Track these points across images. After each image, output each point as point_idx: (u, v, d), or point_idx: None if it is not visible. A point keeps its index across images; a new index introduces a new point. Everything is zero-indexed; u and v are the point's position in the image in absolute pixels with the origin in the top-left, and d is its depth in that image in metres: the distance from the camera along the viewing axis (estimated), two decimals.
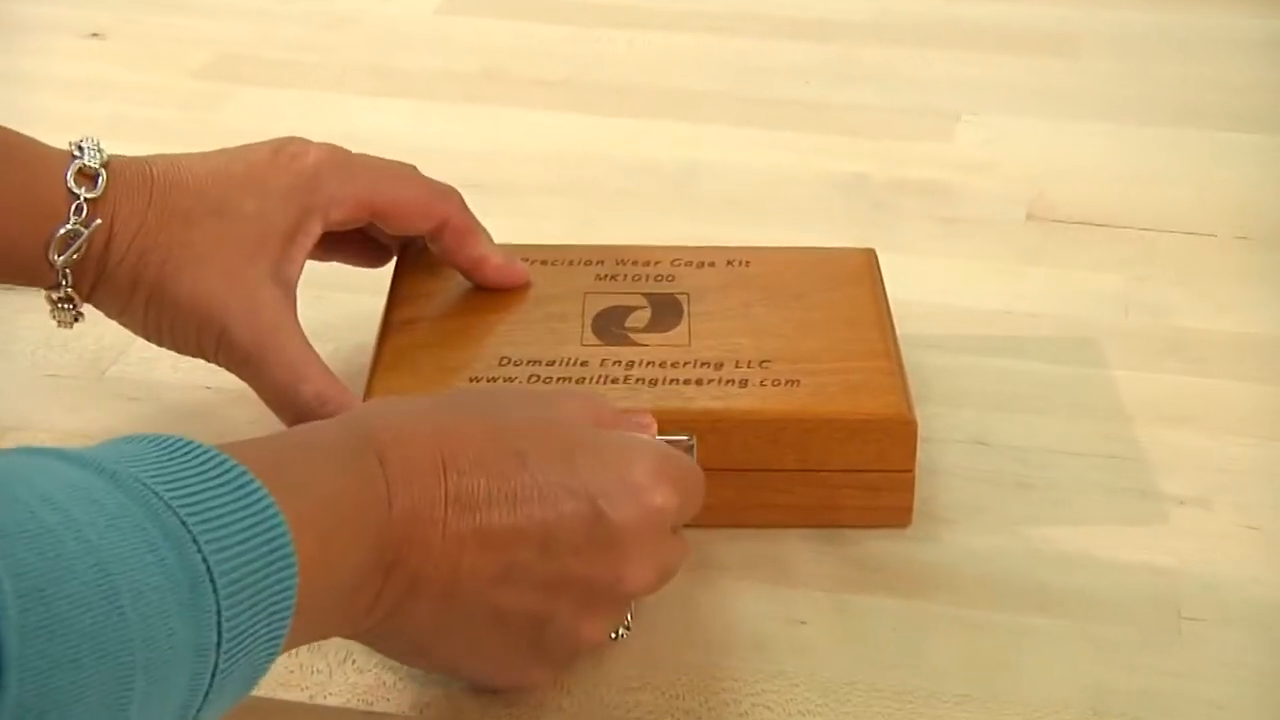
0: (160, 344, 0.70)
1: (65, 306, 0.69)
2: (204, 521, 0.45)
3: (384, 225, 0.73)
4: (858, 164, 0.96)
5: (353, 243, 0.76)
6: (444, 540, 0.54)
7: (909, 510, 0.68)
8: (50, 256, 0.67)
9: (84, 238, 0.66)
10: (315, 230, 0.70)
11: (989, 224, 0.92)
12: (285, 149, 0.71)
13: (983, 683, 0.61)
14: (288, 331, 0.69)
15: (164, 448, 0.47)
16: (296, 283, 0.71)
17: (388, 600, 0.54)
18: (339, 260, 0.77)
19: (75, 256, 0.67)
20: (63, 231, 0.66)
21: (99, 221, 0.67)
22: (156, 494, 0.45)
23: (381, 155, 0.74)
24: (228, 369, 0.70)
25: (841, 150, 0.97)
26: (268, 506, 0.47)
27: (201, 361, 0.77)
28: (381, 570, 0.53)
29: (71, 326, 0.70)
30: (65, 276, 0.67)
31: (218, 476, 0.47)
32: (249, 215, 0.69)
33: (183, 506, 0.45)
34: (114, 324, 0.77)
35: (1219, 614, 0.64)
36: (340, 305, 0.82)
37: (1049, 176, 0.96)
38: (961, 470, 0.72)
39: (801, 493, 0.67)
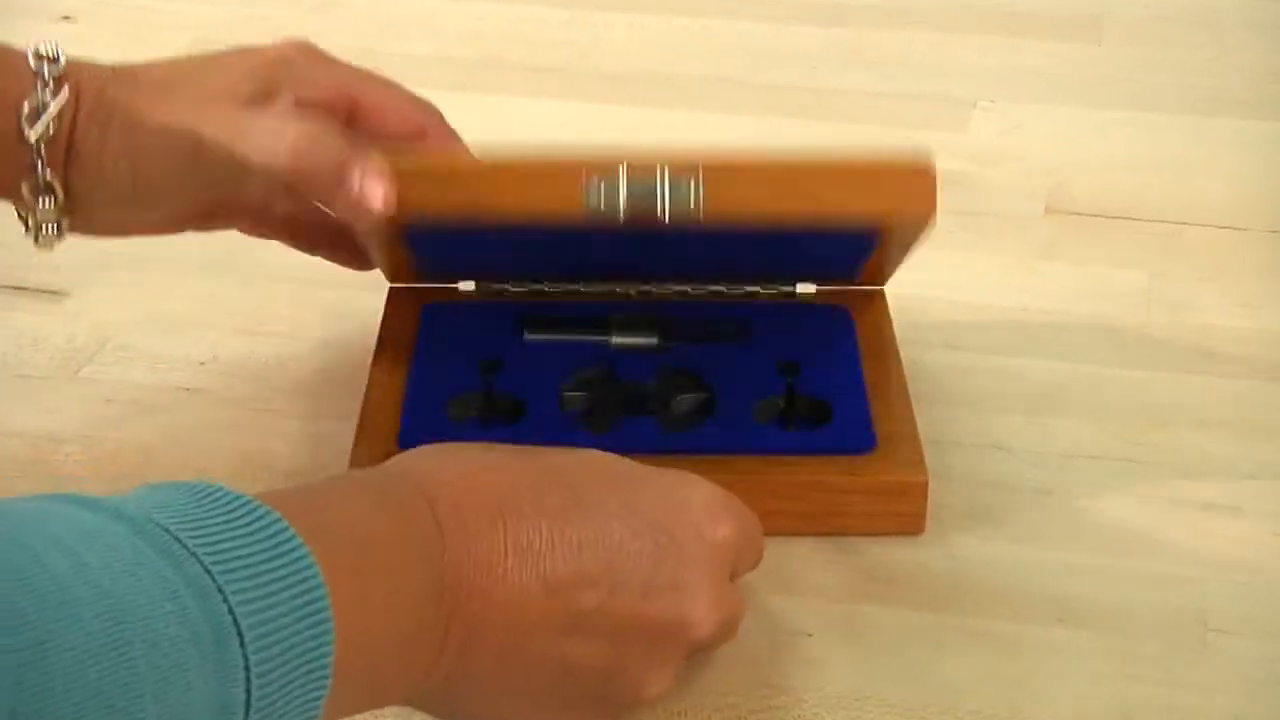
0: (142, 202, 0.67)
1: (45, 201, 0.66)
2: (231, 569, 0.44)
3: (360, 123, 0.69)
4: None
5: (340, 238, 0.76)
6: (507, 589, 0.53)
7: (922, 517, 0.68)
8: (24, 132, 0.64)
9: (52, 108, 0.65)
10: (287, 99, 0.65)
11: (1006, 217, 0.92)
12: (253, 46, 0.68)
13: (1000, 699, 0.61)
14: (259, 112, 0.65)
15: (189, 494, 0.46)
16: None
17: (449, 655, 0.53)
18: (324, 255, 0.77)
19: (50, 131, 0.65)
20: (30, 107, 0.64)
21: (65, 90, 0.65)
22: (179, 540, 0.44)
23: None
24: (213, 189, 0.67)
25: (850, 139, 0.97)
26: (301, 556, 0.46)
27: (180, 361, 0.78)
28: (439, 621, 0.52)
29: (53, 247, 0.68)
30: (40, 154, 0.65)
31: (246, 522, 0.46)
32: (212, 84, 0.66)
33: (207, 553, 0.44)
34: (87, 323, 0.78)
35: (1247, 626, 0.64)
36: (323, 301, 0.82)
37: (1069, 167, 0.97)
38: (977, 475, 0.72)
39: (809, 498, 0.68)
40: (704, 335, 0.75)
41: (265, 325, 0.82)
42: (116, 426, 0.75)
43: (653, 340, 0.75)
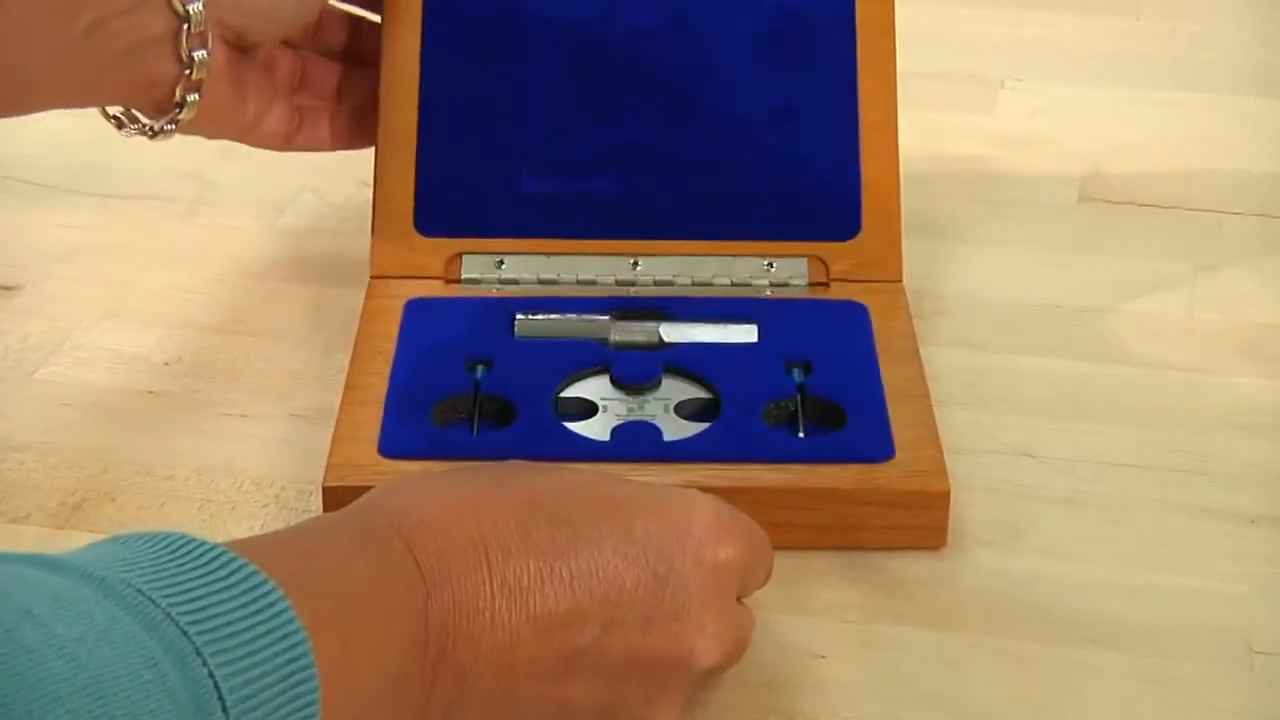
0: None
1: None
2: (209, 630, 0.45)
3: None
4: None
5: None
6: (495, 633, 0.54)
7: (943, 530, 0.69)
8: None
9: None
10: None
11: (1036, 206, 0.92)
12: None
13: None
14: None
15: (159, 546, 0.47)
16: None
17: (437, 707, 0.53)
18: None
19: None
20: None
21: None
22: (153, 601, 0.44)
23: None
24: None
25: None
26: (282, 610, 0.46)
27: (143, 362, 0.78)
28: (425, 672, 0.52)
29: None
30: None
31: (222, 576, 0.46)
32: None
33: (183, 614, 0.44)
34: (43, 320, 0.78)
35: None
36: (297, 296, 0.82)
37: (1105, 152, 0.97)
38: (1002, 485, 0.72)
39: (822, 510, 0.68)
40: (708, 329, 0.75)
41: (235, 323, 0.82)
42: (74, 432, 0.75)
43: (654, 337, 0.76)
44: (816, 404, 0.72)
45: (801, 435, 0.71)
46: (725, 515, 0.59)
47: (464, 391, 0.73)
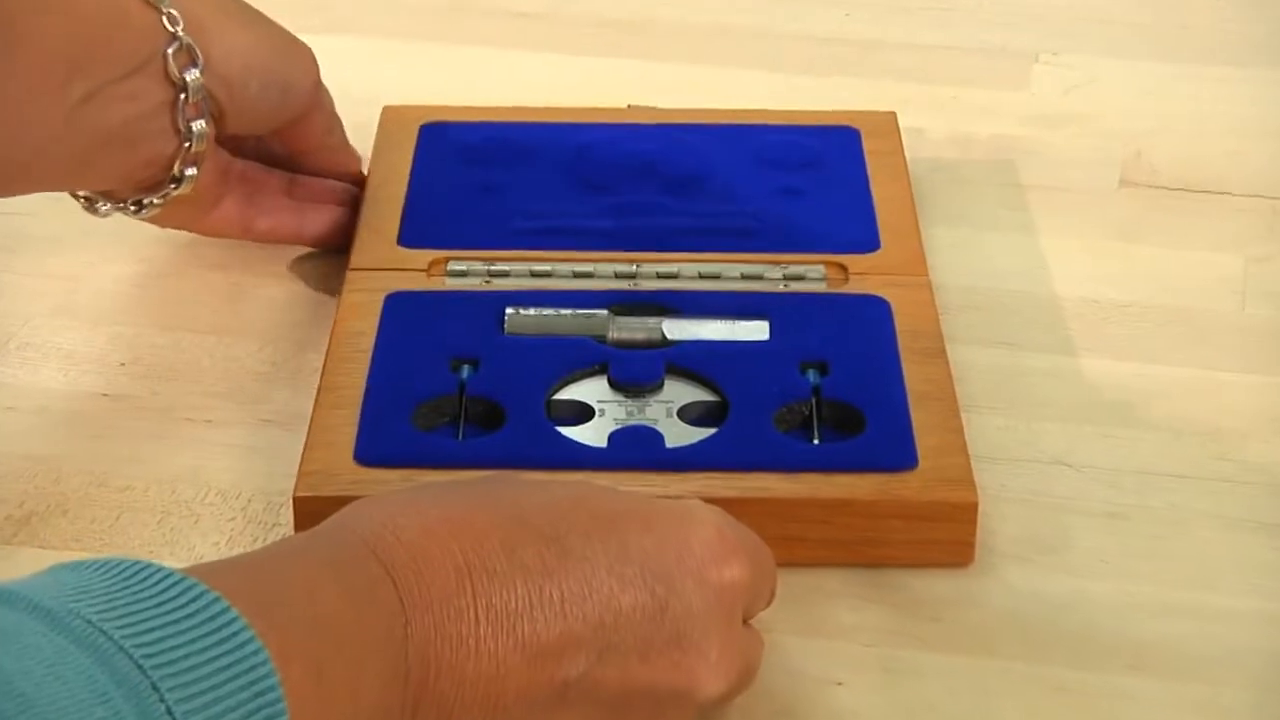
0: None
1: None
2: (166, 664, 0.45)
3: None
4: (910, 117, 0.96)
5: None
6: (480, 662, 0.54)
7: (971, 545, 0.69)
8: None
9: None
10: None
11: (1073, 191, 0.93)
12: None
13: None
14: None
15: (111, 574, 0.47)
16: None
17: None
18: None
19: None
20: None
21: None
22: (104, 633, 0.45)
23: None
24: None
25: (890, 99, 0.97)
26: (247, 641, 0.47)
27: (97, 362, 0.78)
28: (405, 707, 0.53)
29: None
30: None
31: (181, 605, 0.46)
32: None
33: (138, 647, 0.45)
34: None
35: None
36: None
37: (1149, 132, 0.97)
38: (1036, 496, 0.73)
39: (839, 523, 0.68)
40: (715, 326, 0.76)
41: (197, 319, 0.83)
42: (22, 440, 0.76)
43: (655, 334, 0.76)
44: (833, 407, 0.73)
45: (816, 441, 0.72)
46: (728, 530, 0.59)
47: (449, 393, 0.73)
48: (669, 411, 0.73)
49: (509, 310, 0.77)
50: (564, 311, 0.77)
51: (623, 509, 0.58)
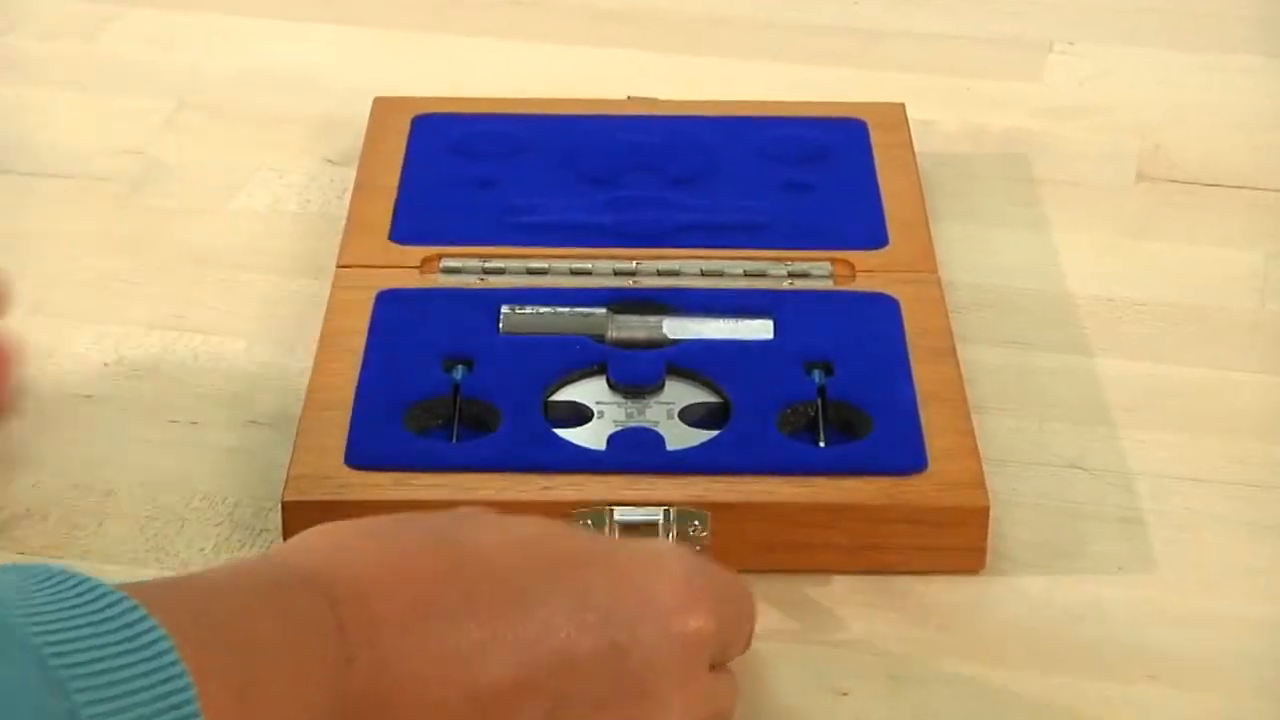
0: None
1: None
2: (76, 664, 0.45)
3: None
4: (920, 109, 0.96)
5: None
6: (426, 709, 0.53)
7: (982, 551, 0.69)
8: None
9: None
10: None
11: (1088, 186, 0.93)
12: None
13: None
14: None
15: (33, 577, 0.47)
16: None
17: None
18: None
19: None
20: None
21: None
22: (14, 628, 0.45)
23: (303, 98, 0.74)
24: None
25: (899, 91, 0.97)
26: (164, 651, 0.47)
27: (79, 362, 0.78)
28: None
29: None
30: None
31: (97, 610, 0.47)
32: None
33: (56, 653, 0.45)
34: None
35: None
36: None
37: (1166, 124, 0.97)
38: (1050, 501, 0.73)
39: (845, 528, 0.69)
40: (718, 324, 0.76)
41: (182, 318, 0.83)
42: None
43: (656, 333, 0.76)
44: (839, 409, 0.73)
45: (822, 444, 0.72)
46: (697, 575, 0.58)
47: (442, 394, 0.73)
48: (670, 413, 0.73)
49: (504, 308, 0.77)
50: (561, 310, 0.77)
51: (585, 551, 0.58)
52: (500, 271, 0.80)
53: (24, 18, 1.08)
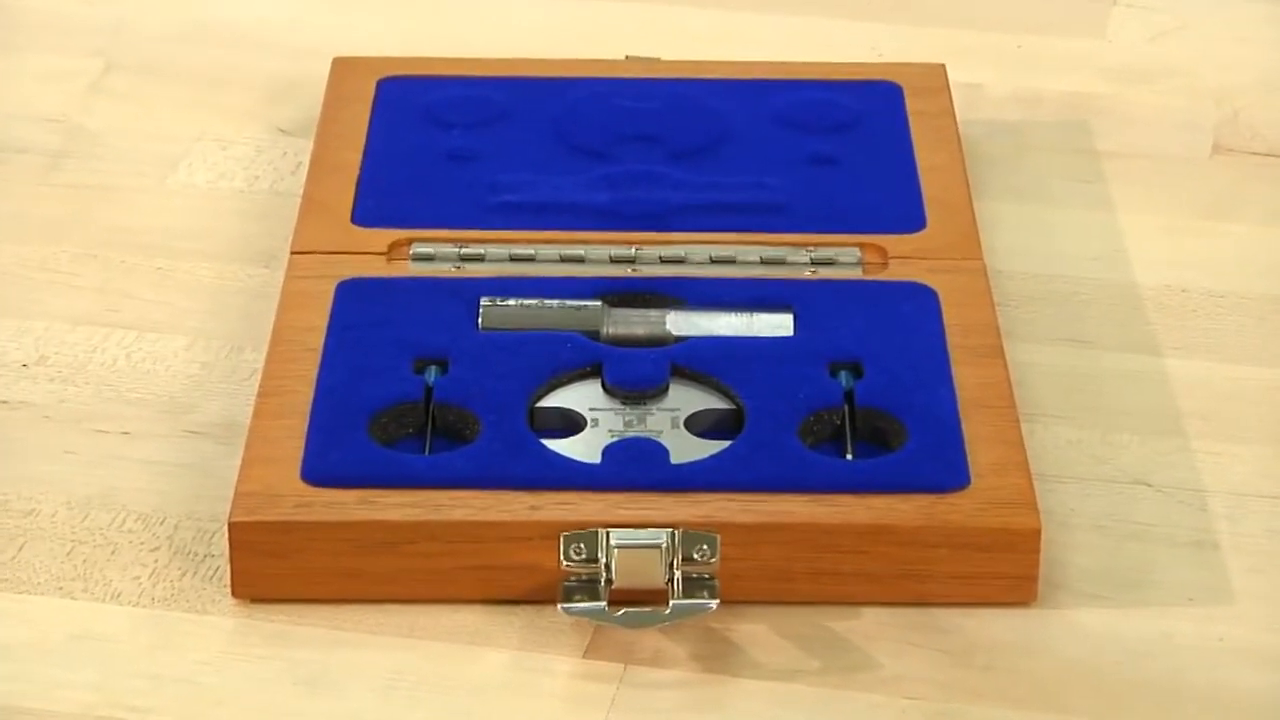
0: None
1: None
2: None
3: None
4: (967, 71, 0.96)
5: None
6: None
7: (1033, 580, 0.70)
8: None
9: None
10: None
11: (1158, 159, 0.93)
12: None
13: None
14: None
15: None
16: None
17: None
18: None
19: None
20: None
21: None
22: None
23: (250, 57, 0.73)
24: None
25: (942, 51, 0.97)
26: None
27: None
28: None
29: None
30: None
31: None
32: None
33: None
34: None
35: None
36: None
37: (1247, 88, 0.98)
38: (1111, 522, 0.73)
39: (877, 554, 0.69)
40: (730, 320, 0.77)
41: (113, 312, 0.84)
42: None
43: (658, 329, 0.77)
44: (869, 416, 0.74)
45: (850, 457, 0.73)
46: None
47: (413, 399, 0.74)
48: (674, 421, 0.73)
49: (484, 301, 0.78)
50: (550, 302, 0.78)
51: None
52: (479, 258, 0.81)
53: None
